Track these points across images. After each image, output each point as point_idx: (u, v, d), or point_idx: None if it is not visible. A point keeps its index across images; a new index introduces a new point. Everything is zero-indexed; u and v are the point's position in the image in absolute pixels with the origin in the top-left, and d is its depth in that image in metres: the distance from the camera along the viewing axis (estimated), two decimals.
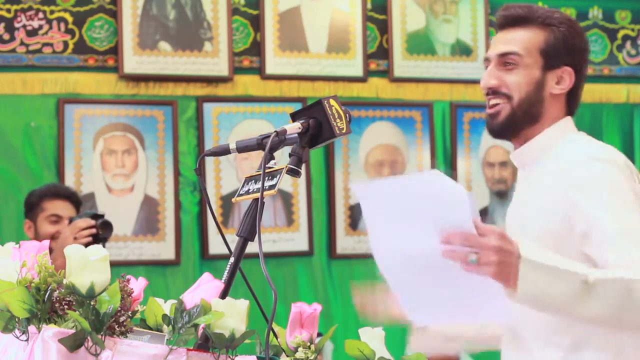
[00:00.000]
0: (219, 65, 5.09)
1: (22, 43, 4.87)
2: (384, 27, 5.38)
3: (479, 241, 1.90)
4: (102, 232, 3.84)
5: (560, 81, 2.43)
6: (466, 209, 1.87)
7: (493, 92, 2.42)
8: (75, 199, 4.08)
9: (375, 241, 2.01)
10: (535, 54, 2.41)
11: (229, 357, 1.87)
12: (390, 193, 1.95)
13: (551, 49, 2.41)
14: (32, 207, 4.05)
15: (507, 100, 2.41)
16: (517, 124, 2.42)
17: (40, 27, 4.90)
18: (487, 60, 2.46)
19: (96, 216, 3.88)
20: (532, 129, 2.43)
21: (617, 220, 2.22)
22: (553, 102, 2.44)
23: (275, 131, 2.07)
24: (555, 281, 2.01)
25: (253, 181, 2.11)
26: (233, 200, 2.18)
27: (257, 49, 5.17)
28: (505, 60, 2.42)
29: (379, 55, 5.37)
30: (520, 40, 2.42)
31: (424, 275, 1.97)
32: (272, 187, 2.04)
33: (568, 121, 2.49)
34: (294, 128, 2.11)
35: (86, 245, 1.90)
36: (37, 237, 3.91)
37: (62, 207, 4.00)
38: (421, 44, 5.44)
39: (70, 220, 3.86)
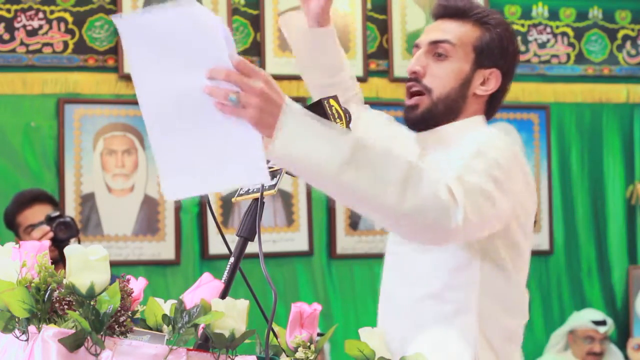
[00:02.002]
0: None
1: (22, 43, 4.87)
2: (384, 27, 5.38)
3: (242, 80, 1.76)
4: (62, 234, 3.72)
5: (486, 82, 2.38)
6: (221, 42, 1.74)
7: (415, 79, 2.35)
8: (43, 198, 4.01)
9: (140, 87, 1.86)
10: (468, 49, 2.36)
11: (229, 357, 1.87)
12: (152, 27, 1.78)
13: (485, 47, 2.36)
14: (11, 226, 4.02)
15: (426, 93, 2.34)
16: (436, 117, 2.35)
17: (40, 27, 4.90)
18: (416, 46, 2.39)
19: (51, 219, 3.78)
20: (449, 125, 2.37)
21: (468, 160, 2.12)
22: (474, 101, 2.38)
23: None
24: (322, 138, 1.85)
25: None
26: (233, 200, 2.18)
27: (257, 49, 5.17)
28: (437, 49, 2.35)
29: (379, 55, 5.37)
30: (455, 31, 2.36)
31: (185, 126, 1.82)
32: (272, 187, 2.04)
33: (480, 119, 2.41)
34: None
35: (56, 254, 1.89)
36: None
37: (31, 215, 3.93)
38: None
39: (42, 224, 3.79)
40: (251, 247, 2.07)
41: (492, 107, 2.44)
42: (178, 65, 1.80)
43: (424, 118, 2.36)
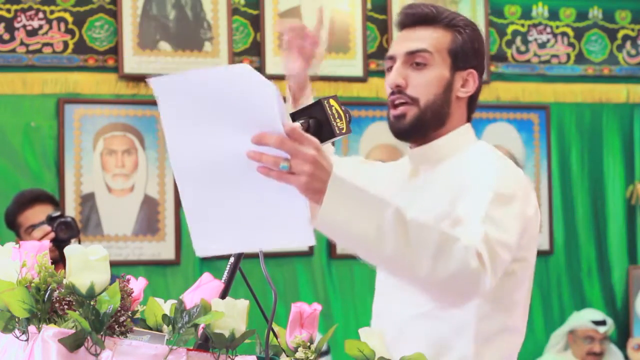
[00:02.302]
0: (219, 65, 5.09)
1: (22, 43, 4.87)
2: (384, 27, 5.38)
3: (294, 147, 1.75)
4: (62, 234, 3.71)
5: (465, 84, 2.36)
6: (274, 107, 1.72)
7: (399, 91, 2.33)
8: (43, 198, 4.00)
9: (174, 145, 1.81)
10: (444, 54, 2.34)
11: (229, 357, 1.87)
12: (193, 88, 1.75)
13: (459, 50, 2.35)
14: (12, 226, 4.01)
15: (412, 102, 2.32)
16: (425, 126, 2.33)
17: (40, 27, 4.90)
18: (391, 58, 2.37)
19: (52, 219, 3.77)
20: (437, 131, 2.36)
21: (488, 206, 2.12)
22: (457, 105, 2.37)
23: None
24: (365, 206, 1.87)
25: None
26: None
27: (257, 49, 5.17)
28: (415, 59, 2.33)
29: (379, 55, 5.36)
30: (429, 38, 2.34)
31: (222, 186, 1.81)
32: None
33: (469, 128, 2.42)
34: None
35: (56, 254, 1.90)
36: None
37: (32, 215, 3.92)
38: None
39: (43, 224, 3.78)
40: None
41: (472, 107, 2.43)
42: (221, 125, 1.77)
43: (413, 127, 2.33)
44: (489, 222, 2.09)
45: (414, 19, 2.37)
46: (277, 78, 5.71)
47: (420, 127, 2.34)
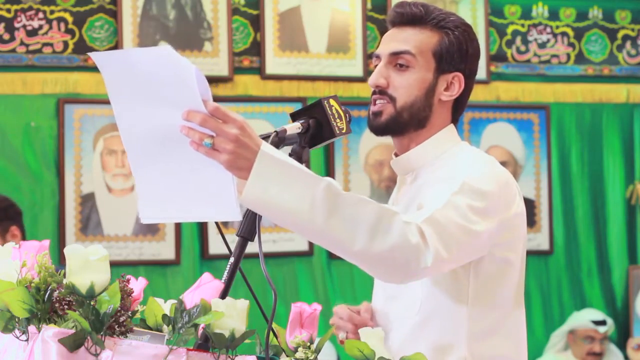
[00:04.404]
0: (219, 65, 5.09)
1: (22, 43, 4.87)
2: (384, 27, 5.36)
3: (217, 125, 1.85)
4: None
5: (450, 87, 2.32)
6: (194, 87, 1.81)
7: (380, 91, 2.32)
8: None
9: (119, 113, 1.95)
10: (429, 56, 2.30)
11: (229, 357, 1.87)
12: (127, 65, 1.88)
13: (445, 52, 2.30)
14: None
15: (390, 101, 2.30)
16: (402, 125, 2.30)
17: (40, 27, 4.90)
18: (377, 57, 2.35)
19: None
20: (417, 133, 2.32)
21: (452, 194, 2.10)
22: (440, 108, 2.33)
23: (275, 131, 2.07)
24: (296, 182, 1.90)
25: None
26: None
27: (257, 49, 5.17)
28: (397, 60, 2.31)
29: None
30: (413, 40, 2.31)
31: (163, 158, 1.92)
32: None
33: (452, 129, 2.37)
34: (293, 128, 2.12)
35: None
36: None
37: None
38: None
39: None
40: (251, 247, 2.07)
41: (458, 110, 2.39)
42: (156, 101, 1.87)
43: (388, 126, 2.31)
44: (449, 207, 2.07)
45: (402, 19, 2.34)
46: (278, 78, 5.72)
47: (395, 126, 2.31)
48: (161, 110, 1.87)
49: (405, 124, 2.30)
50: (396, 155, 2.37)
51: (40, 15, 4.89)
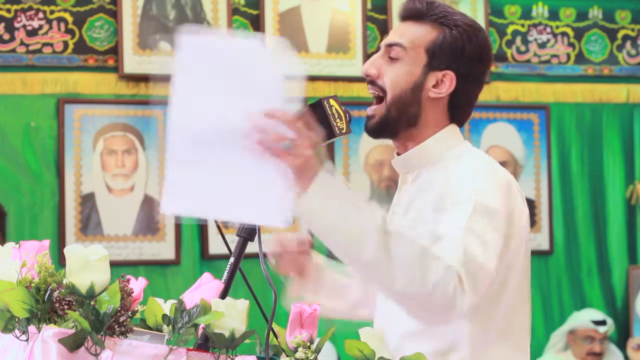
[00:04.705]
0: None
1: (22, 43, 4.87)
2: (384, 27, 5.37)
3: (302, 130, 1.84)
4: None
5: (439, 85, 2.28)
6: (298, 89, 1.80)
7: (370, 81, 2.31)
8: None
9: (178, 103, 1.85)
10: (420, 51, 2.28)
11: (229, 357, 1.87)
12: (216, 52, 1.82)
13: (437, 48, 2.27)
14: None
15: (381, 95, 2.28)
16: (393, 124, 2.28)
17: (40, 27, 4.90)
18: (379, 49, 2.35)
19: None
20: (410, 132, 2.29)
21: (469, 218, 2.09)
22: (431, 106, 2.29)
23: None
24: (351, 206, 1.91)
25: None
26: None
27: None
28: (390, 53, 2.29)
29: None
30: (409, 33, 2.30)
31: (212, 151, 1.84)
32: None
33: (453, 130, 2.33)
34: None
35: None
36: None
37: None
38: None
39: None
40: (251, 247, 2.07)
41: (458, 110, 2.33)
42: (232, 92, 1.81)
43: (380, 126, 2.29)
44: (470, 235, 2.06)
45: (405, 13, 2.34)
46: None
47: (387, 126, 2.29)
48: (232, 102, 1.81)
49: (395, 122, 2.28)
50: (398, 154, 2.37)
51: (40, 15, 4.89)
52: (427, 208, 2.20)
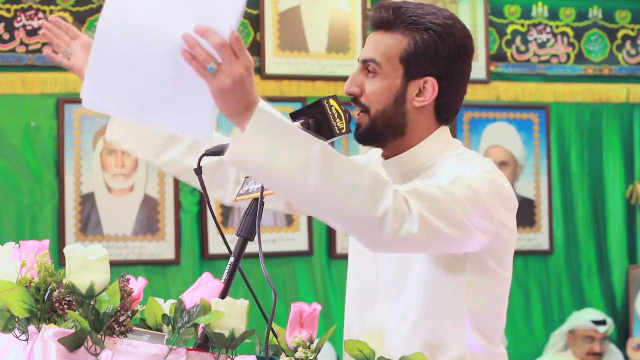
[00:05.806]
0: None
1: (22, 43, 4.87)
2: None
3: (230, 56, 1.79)
4: None
5: (422, 93, 2.23)
6: (237, 13, 1.77)
7: (353, 99, 2.29)
8: None
9: (112, 5, 1.82)
10: (396, 63, 2.23)
11: (229, 357, 1.87)
12: None
13: (412, 57, 2.22)
14: None
15: (365, 111, 2.26)
16: (379, 135, 2.26)
17: (40, 27, 4.89)
18: (359, 61, 2.32)
19: None
20: (398, 141, 2.27)
21: (445, 183, 2.06)
22: (417, 114, 2.25)
23: None
24: (291, 140, 1.87)
25: (253, 181, 2.11)
26: (233, 200, 2.18)
27: (257, 49, 5.17)
28: (367, 67, 2.26)
29: None
30: (381, 47, 2.24)
31: (140, 55, 1.82)
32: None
33: (443, 132, 2.29)
34: None
35: None
36: None
37: None
38: None
39: None
40: (251, 247, 2.07)
41: (445, 112, 2.28)
42: (171, 6, 1.80)
43: (367, 137, 2.27)
44: (439, 189, 2.04)
45: (374, 23, 2.29)
46: (278, 78, 5.72)
47: (374, 137, 2.27)
48: (168, 14, 1.79)
49: (381, 133, 2.25)
50: (385, 158, 2.33)
51: (40, 15, 4.89)
52: None
